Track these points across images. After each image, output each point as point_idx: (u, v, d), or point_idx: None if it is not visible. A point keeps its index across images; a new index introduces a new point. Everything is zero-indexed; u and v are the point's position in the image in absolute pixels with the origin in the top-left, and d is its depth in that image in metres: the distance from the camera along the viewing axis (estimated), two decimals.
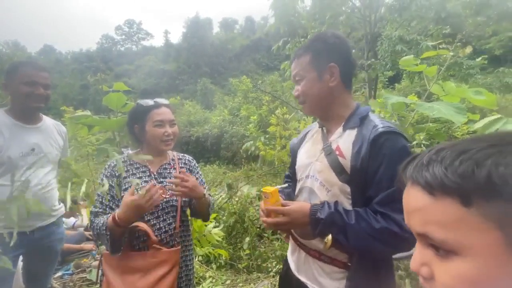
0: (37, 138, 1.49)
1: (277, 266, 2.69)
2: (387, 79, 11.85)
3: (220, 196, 3.93)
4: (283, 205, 0.87)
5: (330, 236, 0.80)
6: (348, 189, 0.84)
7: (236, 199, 3.54)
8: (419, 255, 0.37)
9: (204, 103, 20.89)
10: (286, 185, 1.05)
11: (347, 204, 0.84)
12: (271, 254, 2.95)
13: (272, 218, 0.87)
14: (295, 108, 4.30)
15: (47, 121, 1.63)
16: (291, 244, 1.05)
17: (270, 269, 2.68)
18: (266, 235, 3.38)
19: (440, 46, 2.22)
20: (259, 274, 2.64)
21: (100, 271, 1.19)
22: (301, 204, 0.87)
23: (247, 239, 2.99)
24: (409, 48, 6.50)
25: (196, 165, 1.38)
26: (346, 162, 0.84)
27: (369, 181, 0.80)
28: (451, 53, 2.00)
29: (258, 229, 3.35)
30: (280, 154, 3.68)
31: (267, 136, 4.88)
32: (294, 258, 1.00)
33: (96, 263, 2.74)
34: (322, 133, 0.97)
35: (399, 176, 0.41)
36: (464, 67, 7.12)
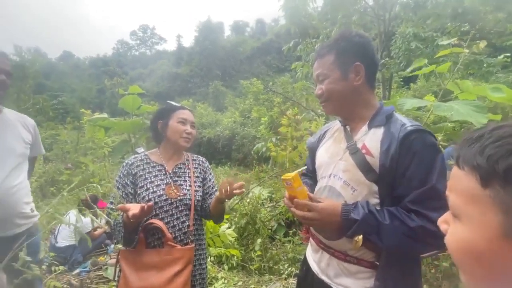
0: None
1: (289, 269, 2.67)
2: (401, 79, 11.55)
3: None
4: (312, 199, 0.86)
5: (360, 236, 0.79)
6: (375, 188, 0.83)
7: (248, 200, 3.54)
8: (445, 214, 0.44)
9: (215, 106, 21.10)
10: (305, 167, 1.04)
11: (374, 203, 0.84)
12: (283, 256, 2.93)
13: (299, 210, 0.85)
14: (307, 108, 4.27)
15: (8, 113, 1.41)
16: (312, 245, 1.03)
17: (282, 271, 2.66)
18: (277, 237, 3.37)
19: (455, 43, 2.15)
20: (271, 276, 2.63)
21: (117, 267, 1.23)
22: (332, 203, 0.84)
23: (259, 240, 2.98)
24: (425, 46, 6.32)
25: (209, 166, 1.42)
26: (374, 161, 0.83)
27: (398, 179, 0.79)
28: (466, 50, 1.93)
29: (269, 230, 3.34)
30: (292, 155, 3.65)
31: (278, 137, 4.87)
32: (316, 259, 0.99)
33: (112, 261, 2.82)
34: (345, 131, 0.96)
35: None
36: (485, 65, 6.84)
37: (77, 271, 2.74)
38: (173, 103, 1.32)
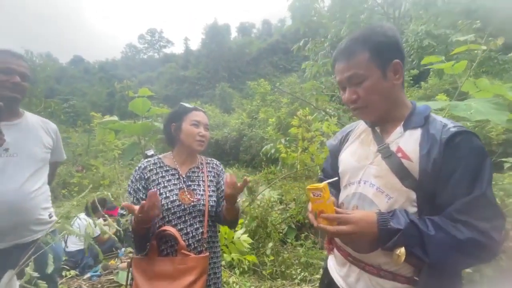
0: (13, 137, 1.24)
1: (302, 273, 2.60)
2: (411, 78, 11.31)
3: (241, 199, 3.90)
4: (338, 212, 0.77)
5: (403, 249, 0.70)
6: (413, 195, 0.75)
7: (258, 202, 3.48)
8: None
9: (222, 107, 21.17)
10: (336, 178, 0.92)
11: (411, 213, 0.75)
12: (295, 261, 2.86)
13: (327, 224, 0.77)
14: (317, 108, 4.19)
15: (29, 117, 1.39)
16: (337, 258, 0.95)
17: (294, 276, 2.59)
18: (289, 240, 3.30)
19: (472, 40, 2.06)
20: (284, 281, 2.56)
21: (129, 274, 1.19)
22: (365, 212, 0.76)
23: (270, 244, 2.92)
24: (438, 43, 6.16)
25: (223, 170, 1.37)
26: (413, 165, 0.75)
27: (441, 186, 0.71)
28: (483, 47, 1.84)
29: (280, 234, 3.28)
30: (303, 156, 3.58)
31: (287, 138, 4.80)
32: (342, 274, 0.90)
33: (123, 265, 2.80)
34: (374, 133, 0.87)
35: None
36: (500, 62, 6.62)
37: (88, 275, 2.73)
38: (186, 104, 1.28)
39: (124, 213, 1.12)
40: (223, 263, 2.61)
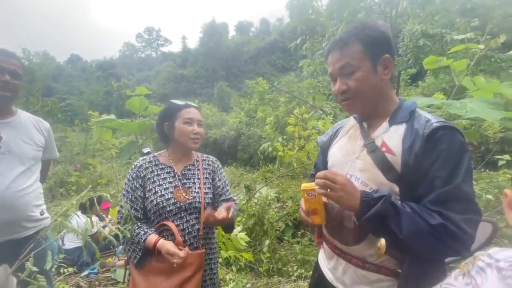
0: (5, 135, 1.27)
1: (298, 270, 2.63)
2: (409, 77, 11.35)
3: (239, 197, 3.92)
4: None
5: (383, 241, 0.73)
6: (396, 188, 0.77)
7: (255, 201, 3.50)
8: None
9: (220, 106, 21.16)
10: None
11: None
12: (292, 258, 2.89)
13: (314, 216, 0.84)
14: (314, 107, 4.21)
15: (22, 115, 1.42)
16: (325, 251, 0.98)
17: (291, 273, 2.62)
18: (286, 238, 3.32)
19: (470, 38, 2.08)
20: (280, 278, 2.59)
21: (127, 271, 1.21)
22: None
23: (267, 241, 2.95)
24: (433, 43, 6.19)
25: (220, 166, 1.37)
26: (396, 159, 0.77)
27: (421, 178, 0.73)
28: (482, 46, 1.85)
29: (277, 231, 3.30)
30: (299, 155, 3.61)
31: (284, 137, 4.82)
32: (330, 266, 0.93)
33: (120, 262, 2.82)
34: (362, 128, 0.90)
35: None
36: (497, 60, 6.65)
37: (85, 273, 2.75)
38: (177, 102, 1.26)
39: (122, 210, 1.13)
40: (220, 260, 2.63)
